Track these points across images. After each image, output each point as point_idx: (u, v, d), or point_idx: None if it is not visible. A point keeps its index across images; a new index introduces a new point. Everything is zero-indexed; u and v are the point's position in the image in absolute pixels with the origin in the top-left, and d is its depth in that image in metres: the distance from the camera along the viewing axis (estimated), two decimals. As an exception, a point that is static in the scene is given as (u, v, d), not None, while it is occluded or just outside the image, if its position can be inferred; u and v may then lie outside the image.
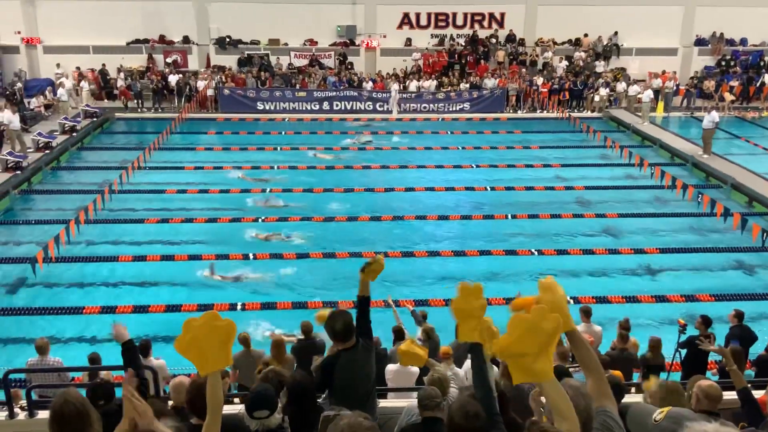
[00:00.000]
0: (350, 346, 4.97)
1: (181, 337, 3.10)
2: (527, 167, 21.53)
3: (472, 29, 31.07)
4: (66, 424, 3.44)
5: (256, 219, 16.99)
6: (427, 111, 28.04)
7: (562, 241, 16.10)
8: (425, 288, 13.93)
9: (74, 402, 3.50)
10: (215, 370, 3.17)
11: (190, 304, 12.75)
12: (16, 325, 12.30)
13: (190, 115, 26.53)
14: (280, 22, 29.59)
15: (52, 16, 28.71)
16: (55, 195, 19.01)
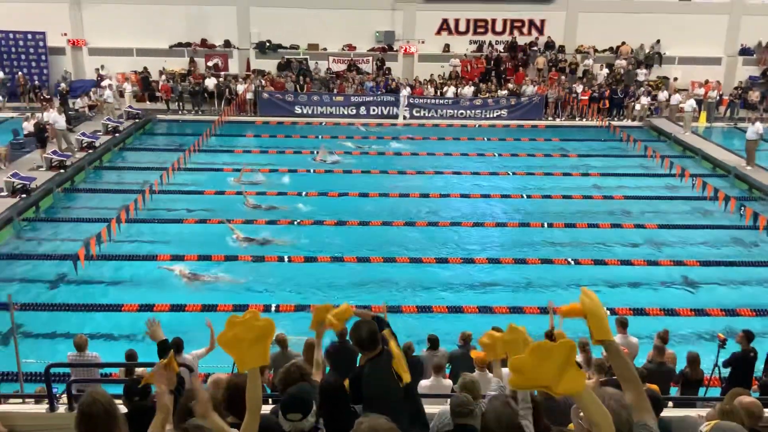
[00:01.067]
0: (376, 355, 4.94)
1: (223, 333, 3.19)
2: (565, 176, 21.31)
3: (511, 36, 30.91)
4: (93, 423, 3.49)
5: (292, 222, 17.11)
6: (463, 117, 27.95)
7: (599, 251, 15.88)
8: (459, 294, 13.87)
9: (102, 401, 3.55)
10: (254, 368, 3.22)
11: (226, 304, 12.91)
12: (57, 320, 12.59)
13: (230, 118, 26.88)
14: (319, 27, 29.83)
15: (98, 19, 29.41)
16: (97, 194, 19.42)
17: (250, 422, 3.20)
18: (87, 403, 3.55)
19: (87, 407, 3.53)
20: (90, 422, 3.48)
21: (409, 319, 12.67)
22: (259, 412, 3.26)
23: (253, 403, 3.21)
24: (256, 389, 3.23)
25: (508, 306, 13.17)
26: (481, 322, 12.18)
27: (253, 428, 3.20)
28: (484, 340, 4.99)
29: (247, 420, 3.20)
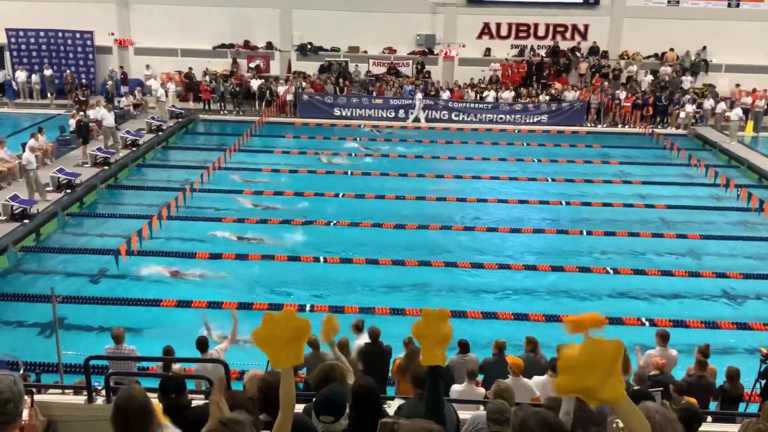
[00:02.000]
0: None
1: (259, 330, 3.20)
2: (605, 183, 20.99)
3: (553, 41, 30.59)
4: (130, 419, 3.55)
5: (328, 223, 17.20)
6: (503, 122, 27.75)
7: (639, 261, 15.59)
8: (493, 300, 13.77)
9: (139, 397, 3.62)
10: (288, 366, 3.23)
11: (262, 302, 13.03)
12: (97, 313, 12.86)
13: (270, 119, 27.15)
14: (360, 30, 29.95)
15: (144, 20, 30.02)
16: (139, 191, 19.80)
17: (284, 420, 3.21)
18: (124, 399, 3.61)
19: (124, 402, 3.59)
20: (126, 417, 3.54)
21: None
22: (292, 410, 3.27)
23: (287, 401, 3.23)
24: (289, 388, 3.24)
25: (543, 314, 13.01)
26: (516, 329, 12.09)
27: (286, 427, 3.22)
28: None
29: (281, 418, 3.22)
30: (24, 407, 2.85)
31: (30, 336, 12.12)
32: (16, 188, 17.73)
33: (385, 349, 9.10)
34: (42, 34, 29.58)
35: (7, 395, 2.71)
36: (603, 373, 2.53)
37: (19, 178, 18.87)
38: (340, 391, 3.79)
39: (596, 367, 2.53)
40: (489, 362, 9.09)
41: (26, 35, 29.62)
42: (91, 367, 5.70)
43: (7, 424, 2.71)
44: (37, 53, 29.71)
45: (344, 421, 3.67)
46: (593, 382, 2.54)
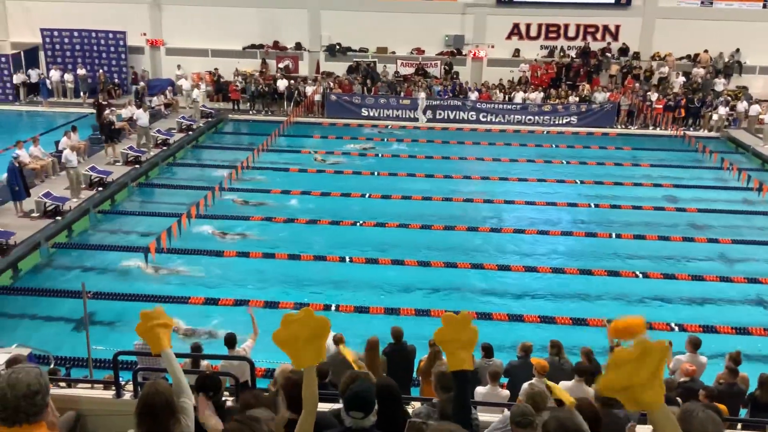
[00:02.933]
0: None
1: (278, 331, 3.21)
2: (635, 185, 20.72)
3: (584, 41, 30.28)
4: (155, 415, 3.60)
5: (354, 223, 17.23)
6: (531, 123, 27.54)
7: (669, 265, 15.36)
8: (520, 303, 13.68)
9: (164, 392, 3.66)
10: (310, 366, 3.24)
11: (287, 301, 13.11)
12: (127, 310, 13.03)
13: (298, 119, 27.29)
14: (388, 30, 29.95)
15: (176, 20, 30.37)
16: (169, 189, 20.04)
17: (307, 419, 3.23)
18: (150, 394, 3.65)
19: (150, 398, 3.64)
20: (151, 412, 3.59)
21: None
22: (315, 409, 3.28)
23: (310, 400, 3.24)
24: (312, 387, 3.26)
25: (571, 317, 12.90)
26: (542, 332, 11.99)
27: (309, 425, 3.23)
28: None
29: (303, 417, 3.23)
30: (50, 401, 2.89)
31: (61, 331, 12.35)
32: (49, 185, 18.07)
33: (409, 349, 9.10)
34: (75, 34, 30.09)
35: (35, 387, 2.75)
36: (649, 372, 2.52)
37: (52, 175, 19.23)
38: (368, 387, 3.80)
39: (644, 366, 2.52)
40: (514, 365, 9.04)
41: (60, 35, 30.17)
42: (120, 362, 5.78)
43: (36, 416, 2.75)
44: (70, 53, 30.24)
45: (373, 417, 3.70)
46: (639, 381, 2.52)
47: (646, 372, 2.52)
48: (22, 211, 16.49)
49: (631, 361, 2.53)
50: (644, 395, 2.52)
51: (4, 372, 2.86)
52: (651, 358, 2.53)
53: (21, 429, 2.72)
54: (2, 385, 2.75)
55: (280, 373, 5.88)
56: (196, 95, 27.11)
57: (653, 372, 2.53)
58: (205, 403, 4.06)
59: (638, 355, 2.54)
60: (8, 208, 16.64)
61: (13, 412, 2.71)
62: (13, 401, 2.71)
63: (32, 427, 2.74)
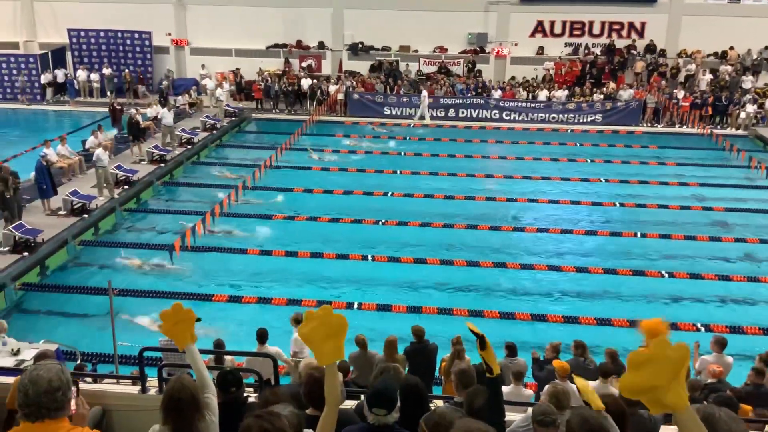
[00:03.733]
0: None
1: (302, 327, 3.24)
2: (661, 184, 20.46)
3: (609, 38, 29.95)
4: (180, 409, 3.64)
5: (377, 221, 17.24)
6: (555, 122, 27.32)
7: (695, 265, 15.15)
8: (543, 302, 13.58)
9: (190, 387, 3.70)
10: (332, 362, 3.25)
11: (310, 299, 13.16)
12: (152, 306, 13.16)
13: (321, 118, 27.37)
14: (411, 29, 29.90)
15: (201, 20, 30.63)
16: (193, 188, 20.21)
17: (329, 415, 3.24)
18: (176, 389, 3.70)
19: (175, 392, 3.68)
20: (176, 406, 3.63)
21: (490, 324, 12.51)
22: (338, 406, 3.29)
23: (332, 397, 3.25)
24: (334, 384, 3.27)
25: (595, 317, 12.79)
26: (566, 332, 11.90)
27: (332, 421, 3.24)
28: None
29: (326, 413, 3.25)
30: (72, 396, 2.93)
31: (87, 327, 12.52)
32: (76, 184, 18.33)
33: (430, 347, 9.09)
34: (102, 35, 30.47)
35: (56, 383, 2.79)
36: (669, 374, 2.46)
37: (79, 174, 19.50)
38: (392, 385, 3.81)
39: (664, 367, 2.47)
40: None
41: (87, 35, 30.56)
42: (145, 358, 5.84)
43: (57, 411, 2.79)
44: (97, 53, 30.63)
45: (395, 414, 3.70)
46: (660, 382, 2.46)
47: (666, 373, 2.46)
48: (49, 209, 16.75)
49: (651, 362, 2.48)
50: (666, 397, 2.46)
51: (27, 369, 2.91)
52: (671, 360, 2.48)
53: (43, 424, 2.77)
54: (24, 381, 2.81)
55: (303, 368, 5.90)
56: (220, 94, 27.34)
57: (674, 373, 2.47)
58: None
59: (657, 355, 2.48)
60: (36, 206, 16.91)
61: (36, 408, 2.76)
62: (35, 397, 2.75)
63: (54, 423, 2.78)
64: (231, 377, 4.25)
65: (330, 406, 3.25)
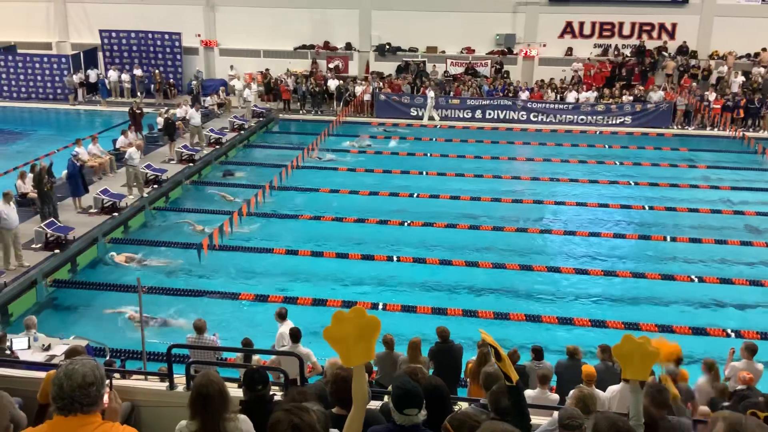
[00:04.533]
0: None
1: (329, 328, 3.22)
2: (692, 187, 20.17)
3: (639, 39, 29.59)
4: (209, 403, 3.69)
5: (402, 223, 17.25)
6: (584, 123, 27.06)
7: (726, 269, 14.91)
8: (570, 306, 13.46)
9: (217, 383, 3.75)
10: (360, 364, 3.24)
11: (335, 299, 13.21)
12: (180, 304, 13.34)
13: (347, 119, 27.44)
14: (438, 30, 29.86)
15: (229, 21, 30.91)
16: (221, 187, 20.37)
17: (357, 415, 3.25)
18: (203, 384, 3.75)
19: (204, 388, 3.73)
20: (204, 401, 3.67)
21: (516, 328, 12.45)
22: (365, 405, 3.30)
23: (360, 397, 3.26)
24: (362, 384, 3.27)
25: (623, 321, 12.63)
26: (593, 336, 11.79)
27: (359, 421, 3.25)
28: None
29: (354, 413, 3.26)
30: (104, 391, 2.98)
31: (116, 323, 12.69)
32: (107, 182, 18.62)
33: (455, 348, 9.07)
34: (133, 35, 30.90)
35: (90, 378, 2.85)
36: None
37: (110, 173, 19.80)
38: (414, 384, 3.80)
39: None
40: (562, 365, 8.94)
41: (118, 36, 31.02)
42: (173, 355, 5.90)
43: (90, 406, 2.84)
44: (128, 53, 31.06)
45: (424, 411, 3.71)
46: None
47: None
48: (80, 207, 17.04)
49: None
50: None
51: (63, 363, 2.97)
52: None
53: (76, 418, 2.82)
54: (60, 375, 2.86)
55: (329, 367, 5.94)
56: (248, 95, 27.55)
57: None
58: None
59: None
60: (68, 204, 17.20)
61: (69, 402, 2.81)
62: (69, 391, 2.81)
63: (86, 417, 2.83)
64: (257, 375, 4.28)
65: (357, 406, 3.26)
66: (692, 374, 9.07)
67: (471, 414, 3.85)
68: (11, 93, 30.20)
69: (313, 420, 2.72)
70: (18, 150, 23.47)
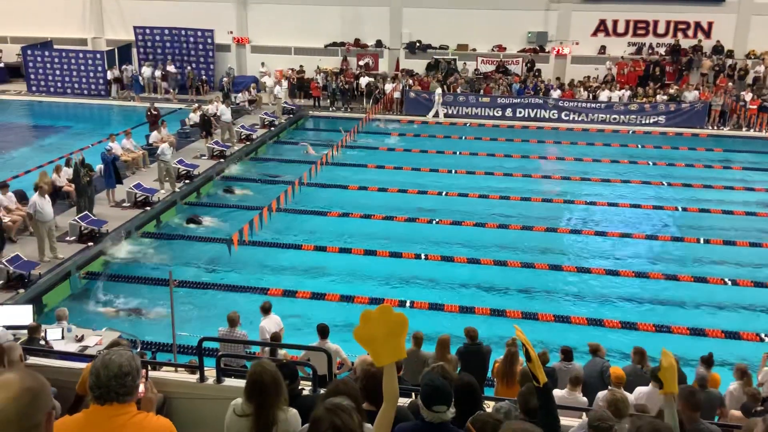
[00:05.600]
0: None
1: (358, 328, 3.24)
2: (726, 189, 19.80)
3: (674, 38, 29.11)
4: (263, 391, 3.80)
5: (430, 221, 17.22)
6: (616, 123, 26.72)
7: (760, 273, 14.61)
8: (600, 307, 13.32)
9: (271, 372, 3.86)
10: (390, 362, 3.25)
11: (362, 296, 13.24)
12: (209, 298, 13.50)
13: (377, 116, 27.45)
14: (469, 27, 29.70)
15: (261, 19, 31.13)
16: (252, 183, 20.54)
17: (387, 412, 3.27)
18: (257, 372, 3.88)
19: (257, 375, 3.86)
20: (259, 389, 3.81)
21: (544, 328, 12.35)
22: (396, 403, 3.31)
23: (391, 395, 3.27)
24: (393, 382, 3.28)
25: (654, 323, 12.47)
26: (623, 338, 11.66)
27: (389, 417, 3.26)
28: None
29: (384, 409, 3.27)
30: (140, 381, 3.04)
31: (147, 316, 12.88)
32: (140, 177, 18.88)
33: (484, 349, 9.03)
34: (166, 32, 31.26)
35: (126, 369, 2.90)
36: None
37: (143, 168, 20.08)
38: (443, 381, 3.80)
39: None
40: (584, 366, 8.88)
41: (152, 33, 31.42)
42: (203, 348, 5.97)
43: (125, 396, 2.90)
44: (161, 50, 31.45)
45: (453, 408, 3.70)
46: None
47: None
48: (114, 201, 17.31)
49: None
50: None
51: (101, 353, 3.03)
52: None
53: (111, 407, 2.87)
54: (96, 365, 2.92)
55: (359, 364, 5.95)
56: (278, 92, 27.72)
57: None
58: None
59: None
60: (101, 197, 17.47)
61: (105, 391, 2.87)
62: (105, 381, 2.87)
63: (122, 407, 2.89)
64: (286, 370, 4.32)
65: (388, 403, 3.27)
66: (725, 379, 8.93)
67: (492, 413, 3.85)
68: (47, 87, 30.77)
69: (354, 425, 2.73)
70: (53, 144, 23.94)
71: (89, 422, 2.88)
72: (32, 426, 2.09)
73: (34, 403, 2.10)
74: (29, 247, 14.32)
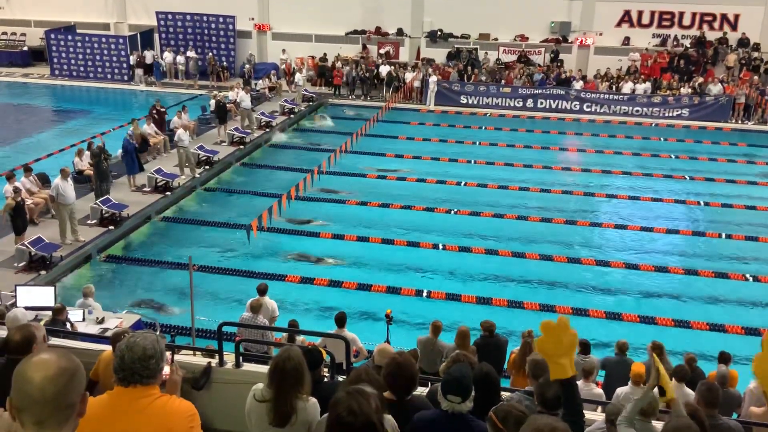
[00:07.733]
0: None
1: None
2: (749, 184, 19.54)
3: (699, 30, 28.69)
4: (283, 378, 3.82)
5: (449, 211, 17.18)
6: (639, 115, 26.42)
7: (783, 270, 14.44)
8: (618, 301, 13.23)
9: (296, 360, 3.87)
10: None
11: (380, 284, 13.27)
12: (227, 283, 13.59)
13: (396, 105, 27.37)
14: (492, 16, 29.44)
15: (282, 5, 31.10)
16: (271, 170, 20.60)
17: None
18: (282, 358, 3.89)
19: (281, 361, 3.88)
20: (281, 375, 3.82)
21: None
22: None
23: None
24: None
25: (673, 318, 12.37)
26: (642, 333, 11.57)
27: None
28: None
29: None
30: (165, 364, 3.06)
31: (167, 300, 13.00)
32: (160, 162, 19.01)
33: (501, 341, 9.01)
34: (188, 18, 31.34)
35: (150, 351, 2.93)
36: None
37: (164, 153, 20.20)
38: (467, 373, 3.79)
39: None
40: (611, 361, 8.81)
41: (174, 18, 31.51)
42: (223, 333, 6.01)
43: (149, 378, 2.93)
44: (183, 36, 31.54)
45: (470, 403, 3.69)
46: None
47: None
48: (134, 186, 17.45)
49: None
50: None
51: (126, 336, 3.07)
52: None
53: (135, 389, 2.91)
54: (121, 347, 2.96)
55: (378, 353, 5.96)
56: (299, 79, 27.69)
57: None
58: None
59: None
60: (122, 182, 17.64)
61: (129, 373, 2.91)
62: (130, 363, 2.90)
63: (145, 389, 2.92)
64: (309, 357, 4.34)
65: None
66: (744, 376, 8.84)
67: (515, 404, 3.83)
68: (70, 71, 31.01)
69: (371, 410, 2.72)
70: (75, 127, 24.16)
71: (113, 404, 2.92)
72: (67, 406, 2.12)
73: (70, 384, 2.12)
74: (51, 229, 14.50)
